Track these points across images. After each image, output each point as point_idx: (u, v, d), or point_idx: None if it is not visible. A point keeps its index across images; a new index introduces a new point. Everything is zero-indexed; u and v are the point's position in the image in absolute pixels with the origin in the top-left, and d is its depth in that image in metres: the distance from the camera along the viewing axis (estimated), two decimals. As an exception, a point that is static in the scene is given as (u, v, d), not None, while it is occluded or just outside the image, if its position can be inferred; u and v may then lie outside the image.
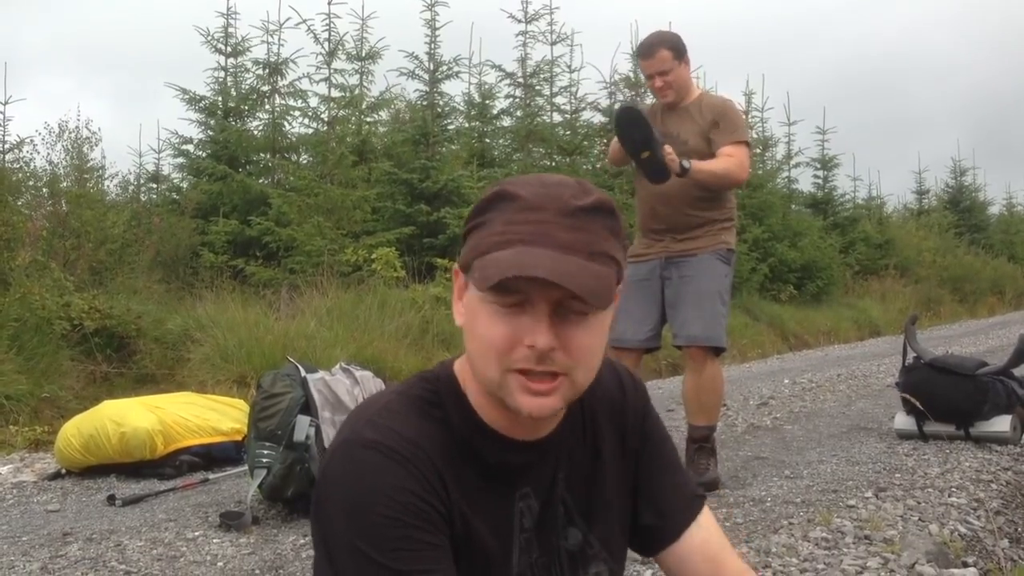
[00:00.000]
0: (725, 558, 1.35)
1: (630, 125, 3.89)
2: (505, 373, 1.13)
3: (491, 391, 1.16)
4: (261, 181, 11.43)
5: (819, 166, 17.98)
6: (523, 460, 1.24)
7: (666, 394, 7.13)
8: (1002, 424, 4.81)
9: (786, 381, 8.01)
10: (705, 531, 1.36)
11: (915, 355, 5.15)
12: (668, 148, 3.86)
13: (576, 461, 1.30)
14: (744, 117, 4.42)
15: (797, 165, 17.57)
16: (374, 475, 1.13)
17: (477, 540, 1.19)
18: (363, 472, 1.13)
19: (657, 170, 3.86)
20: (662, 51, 4.01)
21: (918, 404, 4.88)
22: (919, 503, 3.70)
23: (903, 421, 5.08)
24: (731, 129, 4.07)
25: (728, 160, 4.00)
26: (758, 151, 15.98)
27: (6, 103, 9.71)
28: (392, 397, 1.23)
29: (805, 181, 18.37)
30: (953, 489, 3.92)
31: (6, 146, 9.92)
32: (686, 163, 3.87)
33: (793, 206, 16.86)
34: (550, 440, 1.25)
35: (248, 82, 12.17)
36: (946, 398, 4.89)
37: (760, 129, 16.47)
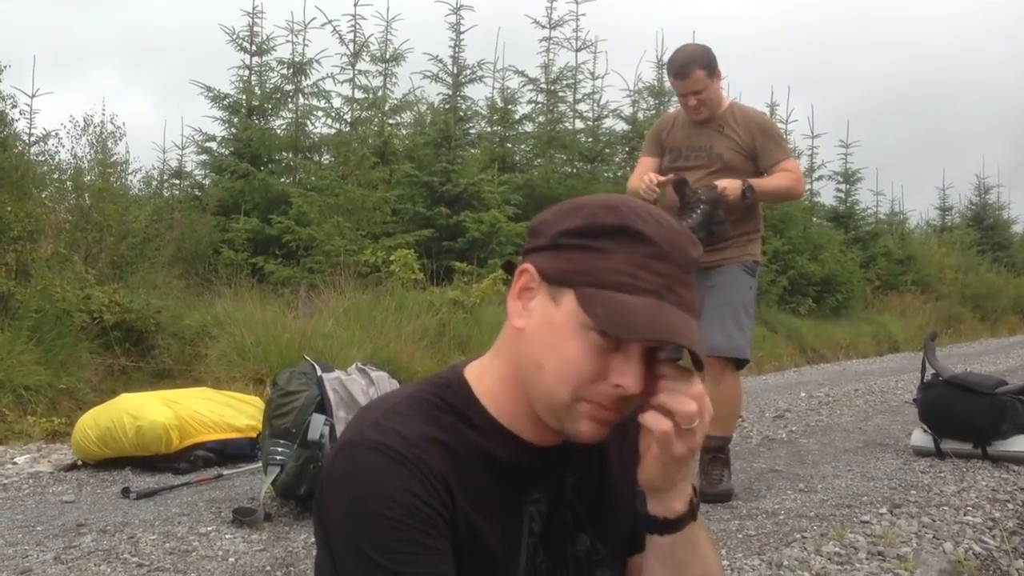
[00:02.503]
0: None
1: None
2: (576, 401, 1.13)
3: (547, 411, 1.16)
4: (282, 180, 11.50)
5: (841, 180, 17.90)
6: (537, 464, 1.23)
7: (681, 404, 7.09)
8: (1020, 444, 4.76)
9: (803, 394, 7.97)
10: None
11: (934, 372, 5.11)
12: (724, 182, 3.83)
13: (585, 467, 1.29)
14: (779, 129, 4.42)
15: (820, 178, 17.51)
16: (376, 476, 1.12)
17: (483, 544, 1.18)
18: (365, 473, 1.13)
19: (709, 242, 3.81)
20: (697, 71, 3.96)
21: (927, 429, 4.87)
22: (934, 521, 3.67)
23: (920, 438, 5.04)
24: (777, 146, 4.07)
25: (788, 175, 4.01)
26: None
27: (33, 96, 9.80)
28: (399, 399, 1.23)
29: (827, 194, 18.31)
30: (969, 508, 3.89)
31: (32, 139, 10.02)
32: (748, 192, 3.86)
33: (814, 219, 16.79)
34: (563, 446, 1.25)
35: (272, 81, 12.26)
36: (964, 416, 4.85)
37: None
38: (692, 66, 3.97)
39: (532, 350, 1.16)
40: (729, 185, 3.84)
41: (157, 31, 34.07)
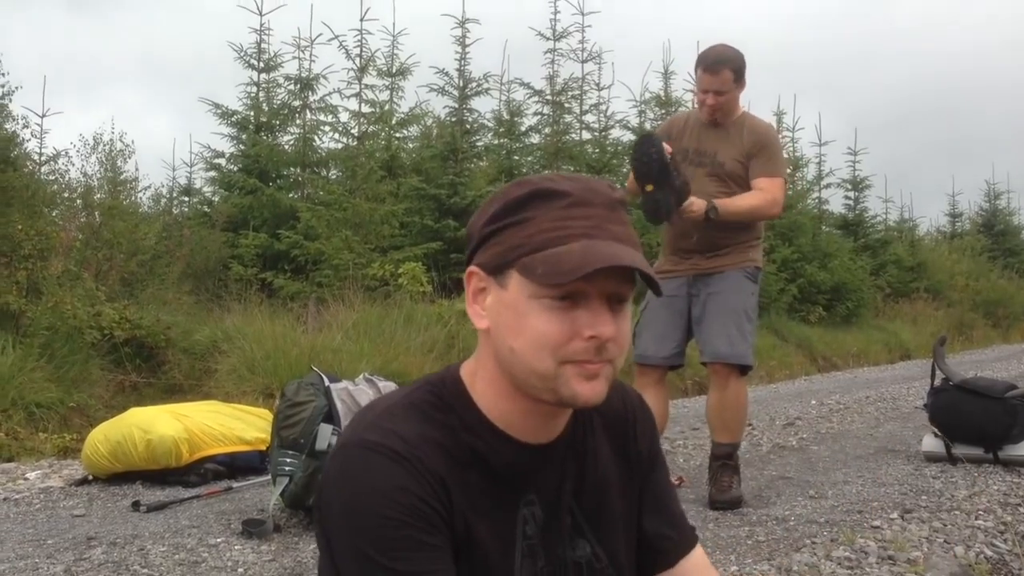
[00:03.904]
0: None
1: (638, 155, 3.82)
2: (560, 365, 1.14)
3: (540, 386, 1.16)
4: (291, 195, 11.54)
5: (850, 187, 17.88)
6: (529, 464, 1.24)
7: (691, 412, 7.10)
8: (1032, 448, 4.74)
9: (813, 402, 7.94)
10: (695, 563, 1.41)
11: (944, 377, 5.09)
12: (694, 200, 3.80)
13: (586, 473, 1.30)
14: (782, 148, 4.37)
15: (828, 186, 17.48)
16: (374, 476, 1.13)
17: (479, 544, 1.19)
18: (363, 473, 1.14)
19: (651, 209, 3.78)
20: (726, 71, 3.96)
21: (938, 433, 4.84)
22: (945, 525, 3.66)
23: (931, 443, 5.01)
24: (769, 161, 4.03)
25: (759, 195, 3.97)
26: (788, 171, 15.89)
27: (44, 115, 9.87)
28: (395, 400, 1.24)
29: (836, 202, 18.26)
30: (980, 512, 3.87)
31: (42, 158, 10.08)
32: (712, 214, 3.84)
33: (824, 227, 16.75)
34: (557, 446, 1.26)
35: (280, 97, 12.31)
36: (975, 420, 4.83)
37: (791, 149, 16.39)
38: (724, 65, 3.96)
39: (501, 340, 1.18)
40: (696, 204, 3.81)
41: (177, 50, 34.33)
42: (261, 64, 12.03)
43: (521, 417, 1.21)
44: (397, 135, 12.81)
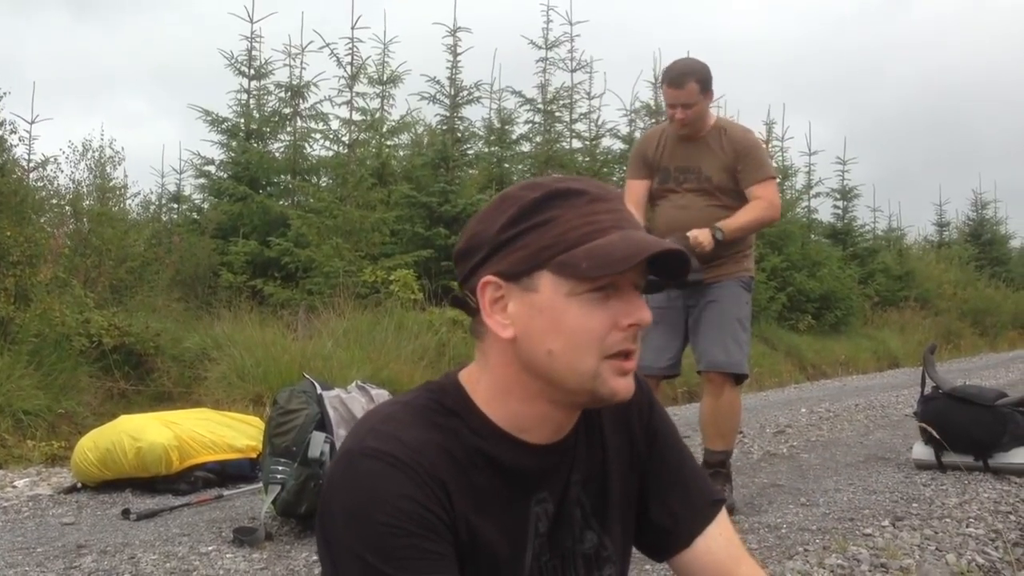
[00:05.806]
0: (736, 569, 1.34)
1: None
2: (601, 361, 1.15)
3: (578, 387, 1.16)
4: (281, 202, 11.51)
5: (839, 196, 17.96)
6: (541, 464, 1.23)
7: (683, 421, 7.08)
8: (1021, 456, 4.75)
9: (803, 410, 7.96)
10: (714, 540, 1.34)
11: (934, 384, 5.11)
12: (696, 233, 3.81)
13: (588, 462, 1.29)
14: (765, 148, 4.35)
15: (817, 195, 17.57)
16: (375, 483, 1.12)
17: (485, 547, 1.18)
18: (364, 480, 1.13)
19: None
20: (691, 83, 3.92)
21: (934, 432, 4.83)
22: (936, 533, 3.66)
23: (921, 451, 5.03)
24: (757, 167, 4.02)
25: (758, 204, 3.97)
26: (777, 180, 15.96)
27: (33, 122, 9.83)
28: (396, 407, 1.23)
29: (825, 211, 18.37)
30: (971, 520, 3.88)
31: (31, 164, 10.04)
32: (718, 235, 3.84)
33: (812, 236, 16.82)
34: (566, 443, 1.25)
35: (270, 105, 12.28)
36: (965, 428, 4.84)
37: (780, 159, 16.46)
38: (688, 77, 3.94)
39: (534, 346, 1.16)
40: (701, 235, 3.81)
41: (174, 56, 34.27)
42: (252, 71, 12.01)
43: (536, 423, 1.21)
44: (388, 143, 12.80)
